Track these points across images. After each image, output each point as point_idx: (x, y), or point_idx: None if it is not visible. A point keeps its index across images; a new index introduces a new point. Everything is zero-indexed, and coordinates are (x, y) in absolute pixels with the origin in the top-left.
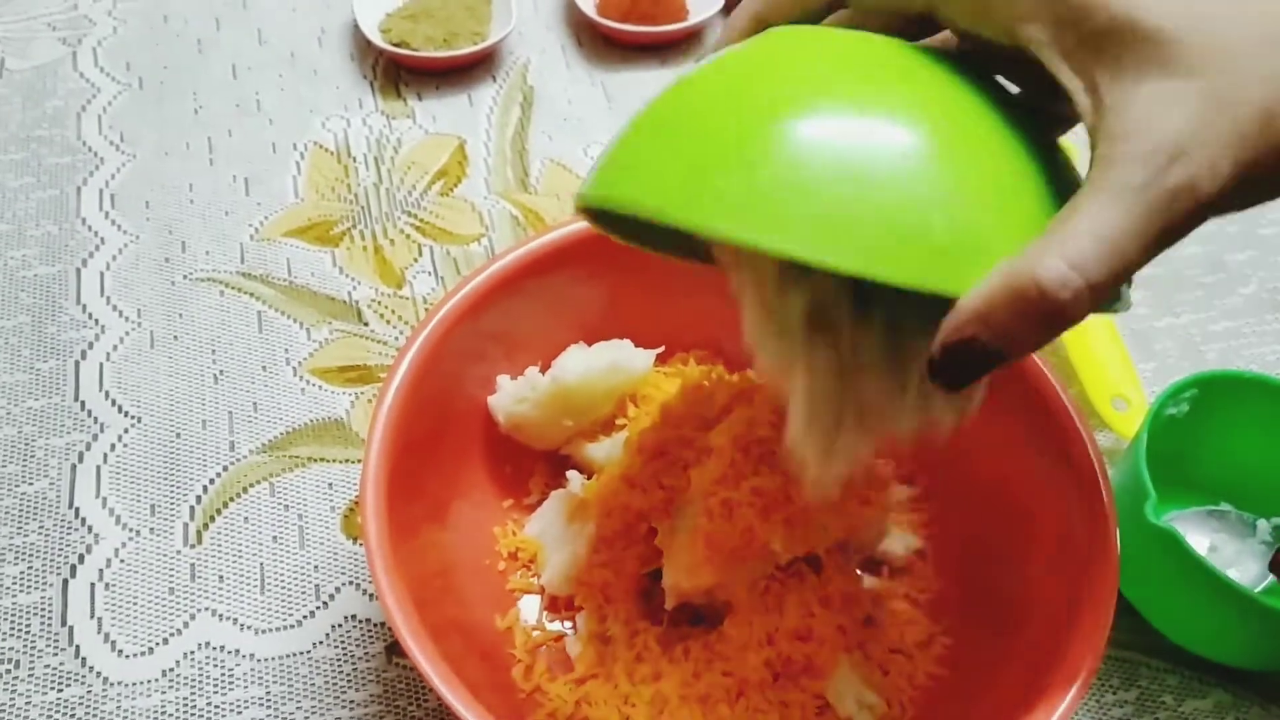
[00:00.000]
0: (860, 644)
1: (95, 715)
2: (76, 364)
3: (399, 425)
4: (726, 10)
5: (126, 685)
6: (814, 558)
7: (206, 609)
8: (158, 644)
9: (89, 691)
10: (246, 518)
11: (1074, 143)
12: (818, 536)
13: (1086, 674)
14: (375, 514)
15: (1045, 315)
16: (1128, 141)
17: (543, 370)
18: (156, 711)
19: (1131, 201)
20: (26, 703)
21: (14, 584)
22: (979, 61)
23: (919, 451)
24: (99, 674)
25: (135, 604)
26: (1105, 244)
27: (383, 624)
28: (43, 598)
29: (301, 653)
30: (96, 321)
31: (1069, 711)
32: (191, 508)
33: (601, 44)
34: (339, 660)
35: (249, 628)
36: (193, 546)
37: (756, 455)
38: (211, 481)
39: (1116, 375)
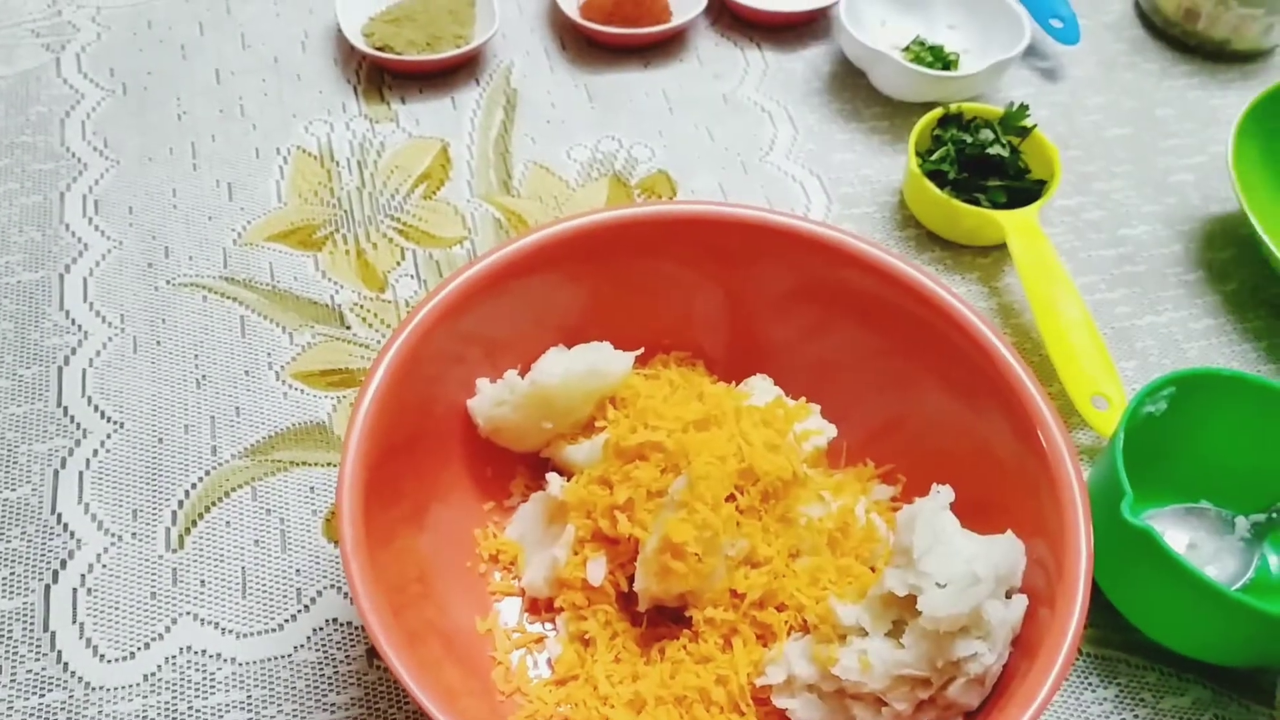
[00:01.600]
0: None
1: None
2: (59, 370)
3: (376, 429)
4: (710, 12)
5: (108, 690)
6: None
7: (188, 613)
8: (139, 649)
9: (71, 697)
10: (228, 522)
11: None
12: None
13: (1059, 671)
14: (352, 519)
15: None
16: None
17: (522, 373)
18: (138, 716)
19: None
20: (9, 708)
21: None
22: None
23: (900, 452)
24: (81, 679)
25: (117, 609)
26: None
27: (363, 627)
28: (25, 603)
29: (282, 656)
30: (79, 327)
31: (1043, 706)
32: (174, 512)
33: (585, 46)
34: (320, 664)
35: (230, 632)
36: (175, 551)
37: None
38: (193, 486)
39: (1096, 373)
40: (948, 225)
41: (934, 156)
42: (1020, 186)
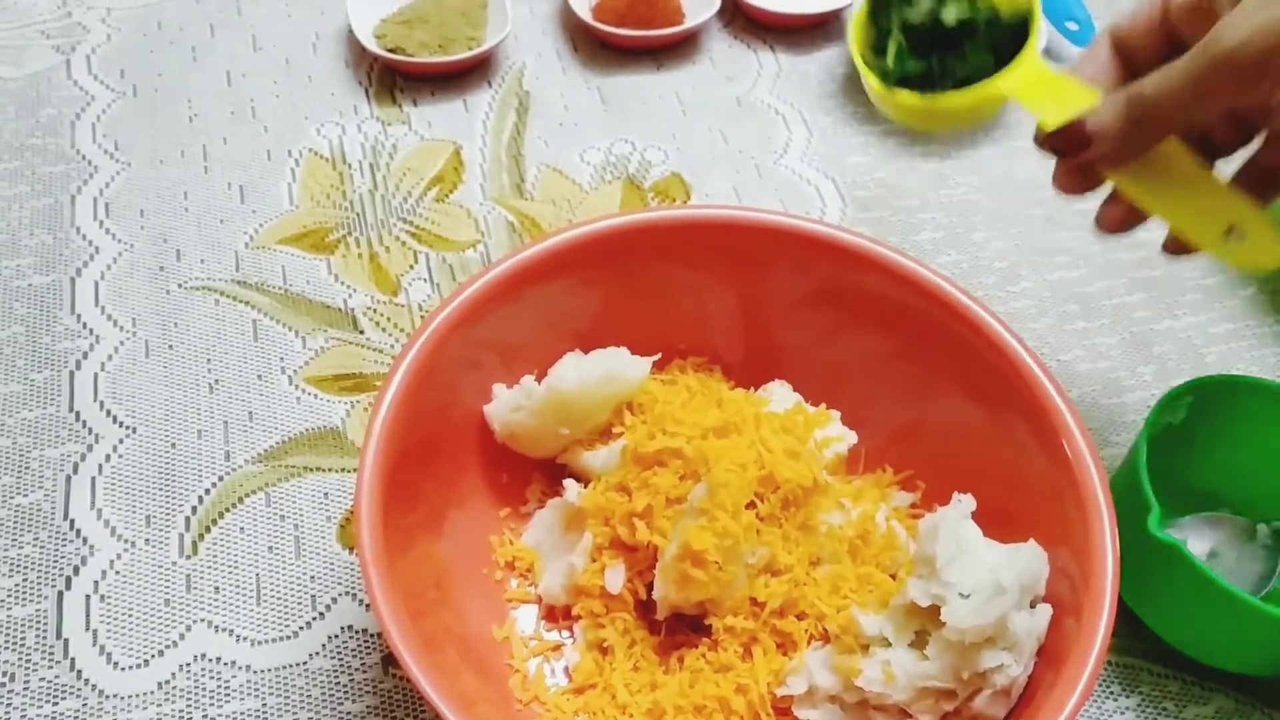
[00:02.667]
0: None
1: None
2: (71, 374)
3: (394, 434)
4: (723, 14)
5: (122, 698)
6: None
7: (202, 620)
8: (153, 656)
9: (84, 705)
10: (242, 528)
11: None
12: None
13: (1087, 681)
14: (370, 524)
15: (1122, 108)
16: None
17: (539, 378)
18: None
19: (1186, 54)
20: (22, 716)
21: (9, 596)
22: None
23: (919, 458)
24: (94, 687)
25: (131, 616)
26: (1162, 73)
27: (379, 635)
28: (38, 610)
29: (298, 664)
30: (91, 331)
31: (1071, 718)
32: (187, 518)
33: (597, 48)
34: (335, 671)
35: (245, 639)
36: (188, 557)
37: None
38: (207, 492)
39: (1216, 203)
40: (947, 121)
41: (888, 58)
42: (999, 41)
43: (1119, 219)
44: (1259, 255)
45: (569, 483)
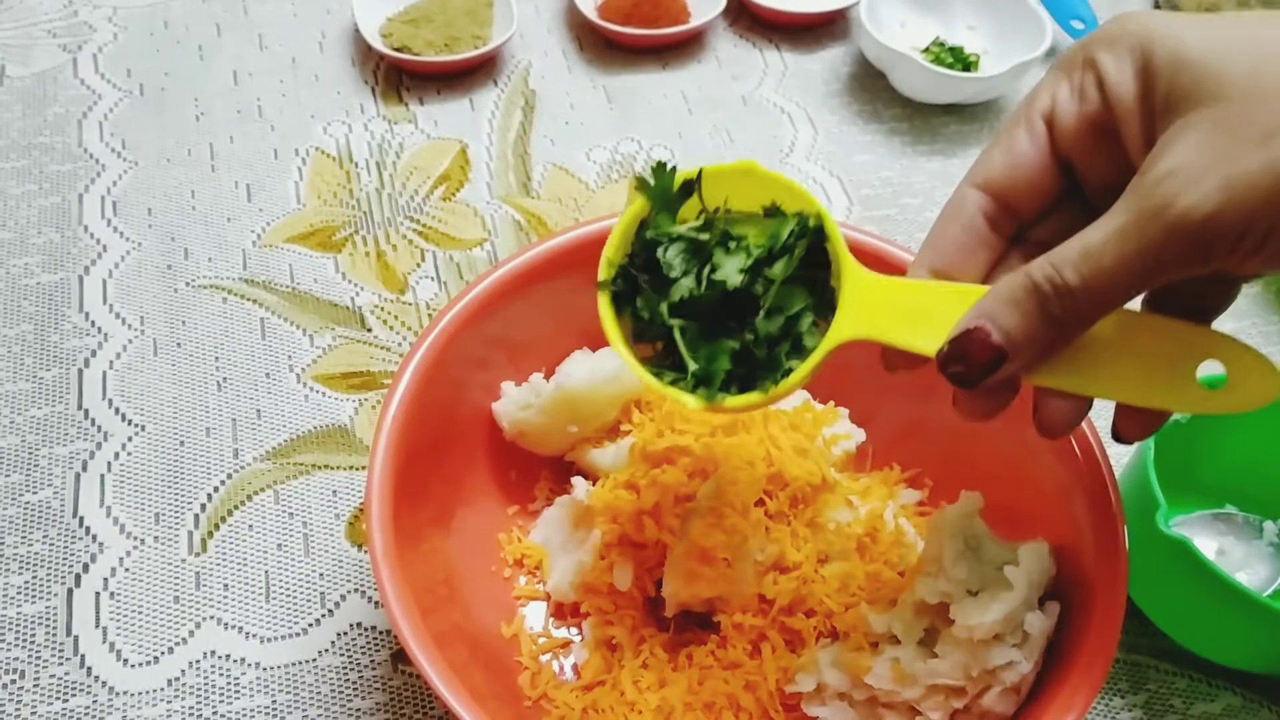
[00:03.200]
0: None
1: None
2: (80, 372)
3: (404, 432)
4: (728, 13)
5: (132, 695)
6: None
7: (211, 617)
8: (163, 653)
9: (94, 701)
10: (251, 525)
11: None
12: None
13: (1096, 678)
14: (380, 521)
15: (1036, 306)
16: (1142, 175)
17: (547, 376)
18: None
19: (1115, 219)
20: (32, 713)
21: (18, 593)
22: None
23: (926, 455)
24: (104, 683)
25: (140, 613)
26: (1085, 251)
27: (388, 632)
28: (47, 607)
29: (307, 661)
30: (99, 329)
31: (1080, 715)
32: (196, 516)
33: (603, 47)
34: (345, 668)
35: (254, 636)
36: (197, 555)
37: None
38: (215, 489)
39: (1174, 351)
40: None
41: (686, 360)
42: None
43: (1068, 414)
44: (1252, 391)
45: (577, 480)
